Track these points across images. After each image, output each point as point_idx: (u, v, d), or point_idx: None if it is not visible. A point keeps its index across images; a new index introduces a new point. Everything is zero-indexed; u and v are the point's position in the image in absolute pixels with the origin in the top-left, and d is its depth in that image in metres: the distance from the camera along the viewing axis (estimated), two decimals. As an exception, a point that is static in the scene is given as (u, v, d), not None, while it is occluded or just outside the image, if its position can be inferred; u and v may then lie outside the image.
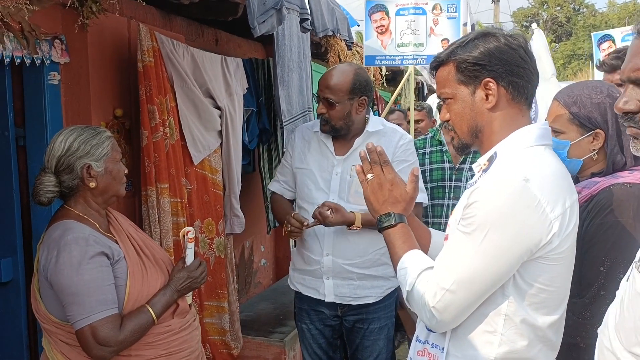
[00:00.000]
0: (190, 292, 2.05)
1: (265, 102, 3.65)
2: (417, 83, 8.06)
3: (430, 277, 1.36)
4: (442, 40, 3.88)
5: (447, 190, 2.74)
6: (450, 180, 2.75)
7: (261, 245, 4.68)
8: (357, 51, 4.77)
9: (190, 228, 2.05)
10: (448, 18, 3.86)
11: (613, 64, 2.29)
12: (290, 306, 4.07)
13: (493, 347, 1.35)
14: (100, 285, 1.75)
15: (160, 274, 1.97)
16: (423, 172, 2.80)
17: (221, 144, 3.10)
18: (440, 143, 2.83)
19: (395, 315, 2.72)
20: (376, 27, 3.96)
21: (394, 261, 1.49)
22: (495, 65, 1.38)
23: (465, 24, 4.25)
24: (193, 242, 2.03)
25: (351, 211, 2.38)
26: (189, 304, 2.05)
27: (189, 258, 2.02)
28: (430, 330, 1.47)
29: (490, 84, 1.39)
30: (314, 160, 2.52)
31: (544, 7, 36.08)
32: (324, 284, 2.51)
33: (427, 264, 1.41)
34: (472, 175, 1.55)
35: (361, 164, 1.58)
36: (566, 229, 1.32)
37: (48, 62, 2.45)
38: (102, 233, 1.87)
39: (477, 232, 1.30)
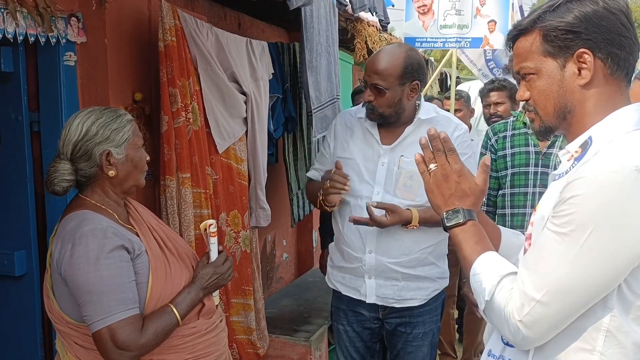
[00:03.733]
0: (217, 291, 1.88)
1: (291, 89, 3.46)
2: (441, 74, 7.76)
3: (515, 285, 1.15)
4: (488, 22, 3.62)
5: (531, 176, 2.48)
6: (536, 165, 2.50)
7: (283, 239, 4.51)
8: (385, 37, 4.55)
9: (212, 221, 1.85)
10: (497, -3, 3.59)
11: None
12: (314, 303, 3.92)
13: None
14: (119, 283, 1.57)
15: (184, 269, 1.80)
16: (504, 156, 2.54)
17: (246, 132, 2.92)
18: (525, 125, 2.59)
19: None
20: (418, 7, 3.71)
21: (466, 265, 1.27)
22: (593, 33, 1.16)
23: (520, 7, 3.99)
24: (216, 237, 1.85)
25: (407, 208, 2.18)
26: (216, 304, 1.88)
27: (213, 253, 1.84)
28: (506, 345, 1.27)
29: (586, 56, 1.17)
30: (358, 149, 2.32)
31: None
32: (366, 283, 2.31)
33: (508, 269, 1.20)
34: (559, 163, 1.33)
35: (420, 152, 1.38)
36: None
37: (64, 41, 2.29)
38: (122, 224, 1.70)
39: (576, 232, 1.08)
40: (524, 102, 1.32)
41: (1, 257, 2.43)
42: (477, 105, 4.34)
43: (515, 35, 1.28)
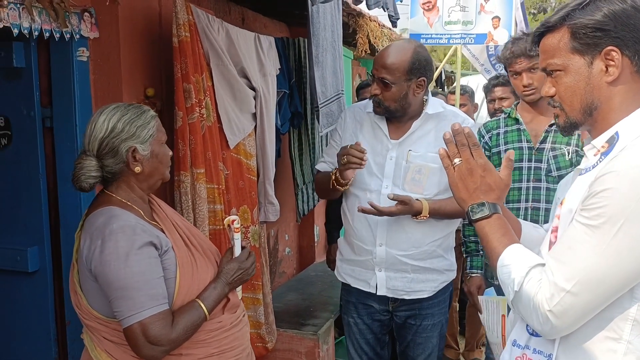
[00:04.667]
0: (240, 286, 1.89)
1: (296, 84, 3.47)
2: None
3: (544, 276, 1.18)
4: (492, 19, 3.65)
5: (524, 172, 2.51)
6: (529, 161, 2.54)
7: (285, 234, 4.52)
8: (385, 32, 4.57)
9: (235, 217, 1.88)
10: (501, -6, 3.63)
11: None
12: (319, 297, 3.94)
13: (617, 355, 1.17)
14: (150, 279, 1.58)
15: (209, 265, 1.82)
16: (498, 153, 2.58)
17: (255, 127, 2.93)
18: (517, 121, 2.62)
19: None
20: (423, 4, 3.73)
21: (492, 257, 1.30)
22: (621, 31, 1.19)
23: (522, 3, 4.03)
24: (240, 232, 1.87)
25: (417, 199, 2.21)
26: (239, 298, 1.90)
27: (237, 249, 1.86)
28: (532, 334, 1.30)
29: (614, 54, 1.20)
30: (367, 143, 2.33)
31: (553, -7, 35.64)
32: (376, 275, 2.34)
33: (535, 261, 1.23)
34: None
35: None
36: None
37: (77, 36, 2.28)
38: (147, 221, 1.71)
39: (608, 224, 1.11)
40: (549, 97, 1.35)
41: (14, 253, 2.42)
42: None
43: (542, 33, 1.31)
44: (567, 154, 2.58)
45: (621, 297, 1.16)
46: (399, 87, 2.21)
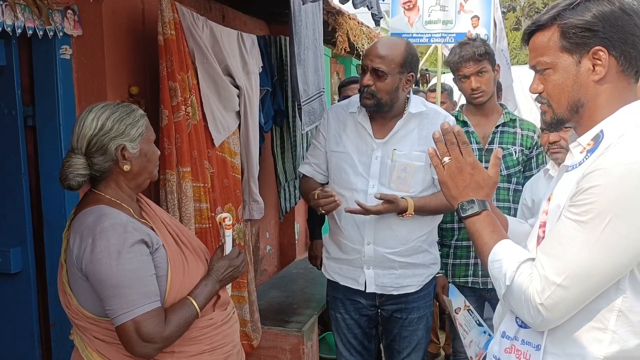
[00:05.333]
0: (230, 283, 1.91)
1: (278, 82, 3.48)
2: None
3: (534, 270, 1.23)
4: (472, 18, 3.72)
5: None
6: (480, 161, 2.62)
7: (267, 232, 4.53)
8: (364, 31, 4.60)
9: (227, 214, 1.89)
10: (479, -6, 3.71)
11: None
12: (301, 294, 3.96)
13: (602, 345, 1.22)
14: (142, 276, 1.58)
15: (200, 263, 1.82)
16: None
17: (239, 125, 2.93)
18: (465, 124, 2.69)
19: None
20: (403, 3, 3.78)
21: (483, 253, 1.34)
22: (609, 32, 1.23)
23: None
24: (231, 230, 1.88)
25: (402, 197, 2.24)
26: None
27: (228, 246, 1.87)
28: (520, 326, 1.34)
29: (601, 53, 1.25)
30: (351, 143, 2.36)
31: (523, -8, 36.18)
32: (365, 273, 2.37)
33: (526, 255, 1.28)
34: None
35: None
36: None
37: (61, 34, 2.25)
38: (137, 219, 1.71)
39: (596, 220, 1.16)
40: (537, 94, 1.39)
41: (-4, 254, 2.38)
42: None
43: (532, 31, 1.34)
44: (514, 153, 2.69)
45: (607, 289, 1.21)
46: (393, 78, 2.24)
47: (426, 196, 2.32)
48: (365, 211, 2.22)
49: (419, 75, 8.17)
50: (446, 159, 1.41)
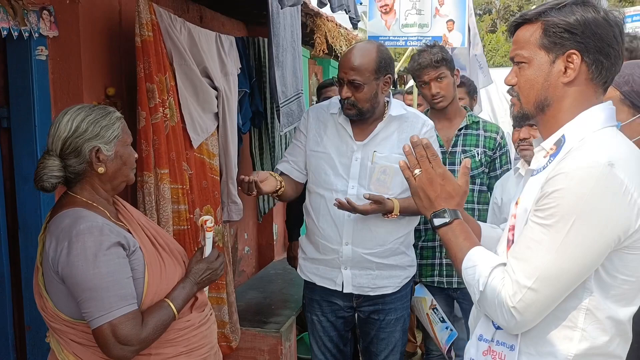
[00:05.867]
0: (207, 288, 1.92)
1: (257, 84, 3.48)
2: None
3: (506, 274, 1.26)
4: (447, 22, 3.78)
5: None
6: (444, 164, 2.68)
7: (245, 233, 4.53)
8: (342, 32, 4.63)
9: (208, 217, 1.89)
10: (454, -2, 3.77)
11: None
12: (280, 295, 3.97)
13: (573, 343, 1.27)
14: (119, 279, 1.59)
15: (177, 265, 1.83)
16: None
17: (217, 126, 2.93)
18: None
19: None
20: (380, 7, 3.82)
21: (457, 260, 1.38)
22: (587, 38, 1.27)
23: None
24: (212, 232, 1.89)
25: (389, 198, 2.27)
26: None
27: (208, 248, 1.87)
28: (497, 328, 1.37)
29: (574, 57, 1.28)
30: (332, 144, 2.38)
31: (498, -5, 36.60)
32: (342, 274, 2.39)
33: (497, 261, 1.31)
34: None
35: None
36: None
37: (36, 35, 2.23)
38: (114, 222, 1.71)
39: (560, 223, 1.20)
40: (510, 86, 1.42)
41: (-30, 257, 2.35)
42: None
43: (519, 23, 1.38)
44: (476, 155, 2.76)
45: (575, 289, 1.25)
46: (370, 86, 2.27)
47: (410, 197, 2.36)
48: (352, 209, 2.25)
49: (396, 76, 8.24)
50: (417, 171, 1.44)
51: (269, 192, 2.30)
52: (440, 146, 2.71)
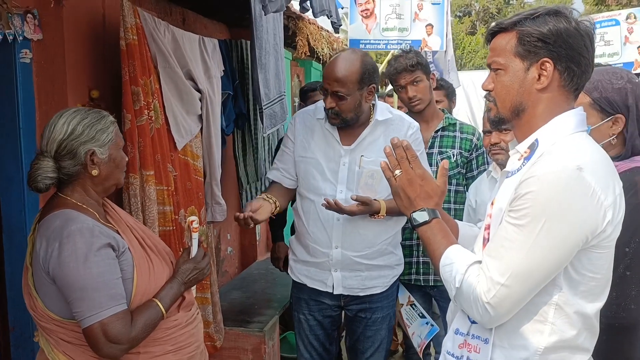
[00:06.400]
0: (195, 285, 1.96)
1: (240, 86, 3.52)
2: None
3: (481, 271, 1.33)
4: (426, 26, 3.87)
5: None
6: None
7: (228, 234, 4.56)
8: (324, 35, 4.69)
9: (194, 217, 1.94)
10: (432, 4, 3.85)
11: None
12: (263, 294, 4.01)
13: (543, 336, 1.34)
14: (109, 279, 1.62)
15: (165, 265, 1.87)
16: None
17: (201, 128, 2.97)
18: None
19: None
20: (361, 11, 3.89)
21: (435, 258, 1.44)
22: (559, 47, 1.34)
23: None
24: (197, 232, 1.93)
25: (375, 199, 2.32)
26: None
27: (194, 249, 1.92)
28: (472, 322, 1.44)
29: (547, 65, 1.35)
30: (319, 149, 2.42)
31: (477, -3, 37.01)
32: (332, 276, 2.44)
33: (473, 259, 1.38)
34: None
35: (381, 154, 1.52)
36: (617, 215, 1.32)
37: (21, 38, 2.25)
38: (103, 223, 1.74)
39: (532, 223, 1.27)
40: (487, 92, 1.49)
41: (-46, 259, 2.35)
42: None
43: (495, 32, 1.45)
44: (452, 156, 2.84)
45: (546, 286, 1.32)
46: (353, 97, 2.31)
47: None
48: (340, 210, 2.29)
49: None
50: (397, 172, 1.50)
51: (265, 220, 2.37)
52: None
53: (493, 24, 1.46)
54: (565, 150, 1.31)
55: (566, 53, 1.34)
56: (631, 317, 1.63)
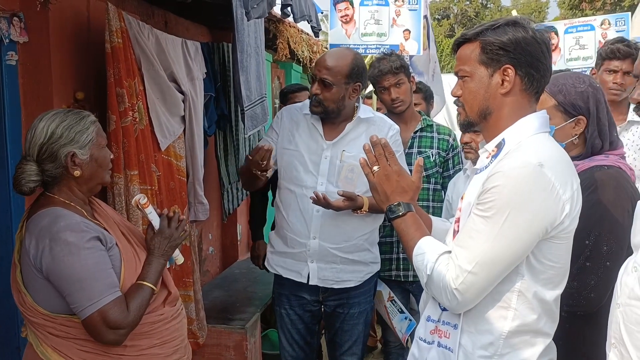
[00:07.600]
0: (178, 251, 2.00)
1: (221, 88, 3.59)
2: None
3: (450, 260, 1.43)
4: (403, 31, 3.98)
5: None
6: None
7: (209, 233, 4.61)
8: (304, 38, 4.78)
9: (140, 195, 1.95)
10: (409, 10, 3.96)
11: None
12: (244, 293, 4.07)
13: (507, 321, 1.44)
14: (104, 268, 1.70)
15: (150, 260, 1.92)
16: None
17: (184, 129, 3.03)
18: None
19: None
20: (341, 17, 3.99)
21: (408, 248, 1.54)
22: (519, 54, 1.44)
23: (425, 16, 4.37)
24: (150, 206, 1.93)
25: (359, 195, 2.41)
26: (180, 262, 2.02)
27: (155, 222, 1.93)
28: (443, 310, 1.54)
29: (509, 71, 1.46)
30: (303, 142, 2.52)
31: (455, 0, 37.50)
32: (308, 267, 2.53)
33: (443, 248, 1.48)
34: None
35: (363, 154, 1.62)
36: (574, 209, 1.43)
37: (7, 40, 2.29)
38: (90, 220, 1.80)
39: (497, 215, 1.37)
40: (456, 97, 1.60)
41: (-62, 258, 2.38)
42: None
43: (460, 42, 1.55)
44: (431, 156, 2.97)
45: (509, 274, 1.43)
46: (338, 88, 2.42)
47: None
48: (326, 204, 2.38)
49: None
50: (375, 168, 1.60)
51: (272, 166, 2.44)
52: None
53: (457, 35, 1.56)
54: (529, 148, 1.42)
55: (526, 59, 1.45)
56: (592, 305, 1.74)
